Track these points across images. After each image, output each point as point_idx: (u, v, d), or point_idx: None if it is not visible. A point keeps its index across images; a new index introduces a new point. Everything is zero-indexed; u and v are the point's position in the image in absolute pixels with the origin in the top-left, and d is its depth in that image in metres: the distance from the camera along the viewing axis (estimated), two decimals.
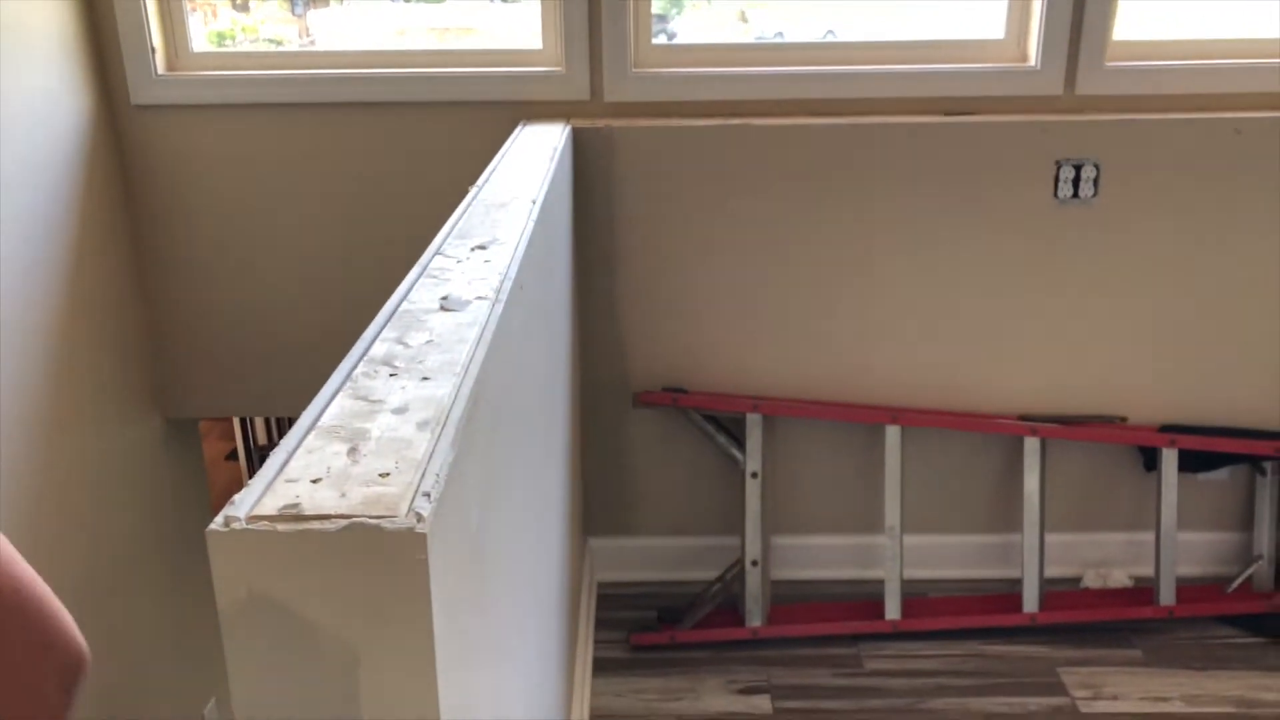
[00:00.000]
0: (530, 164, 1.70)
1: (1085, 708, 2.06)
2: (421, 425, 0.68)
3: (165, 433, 2.45)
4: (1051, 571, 2.45)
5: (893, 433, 2.25)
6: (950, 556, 2.47)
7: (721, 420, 2.34)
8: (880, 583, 2.28)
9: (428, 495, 0.59)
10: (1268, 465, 2.36)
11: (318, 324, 2.37)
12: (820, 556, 2.47)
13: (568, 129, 2.14)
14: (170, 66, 2.30)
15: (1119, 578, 2.44)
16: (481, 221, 1.27)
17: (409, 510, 0.57)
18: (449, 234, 1.21)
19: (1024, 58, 2.26)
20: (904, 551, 2.39)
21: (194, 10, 2.42)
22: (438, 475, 0.61)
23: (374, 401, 0.72)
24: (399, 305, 0.94)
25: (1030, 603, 2.26)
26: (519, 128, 2.14)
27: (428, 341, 0.84)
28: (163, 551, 2.38)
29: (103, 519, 2.16)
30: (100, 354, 2.21)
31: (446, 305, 0.93)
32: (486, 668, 0.81)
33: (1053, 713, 2.05)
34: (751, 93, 2.25)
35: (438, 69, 2.26)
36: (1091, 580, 2.44)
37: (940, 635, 2.27)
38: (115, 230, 2.28)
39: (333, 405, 0.71)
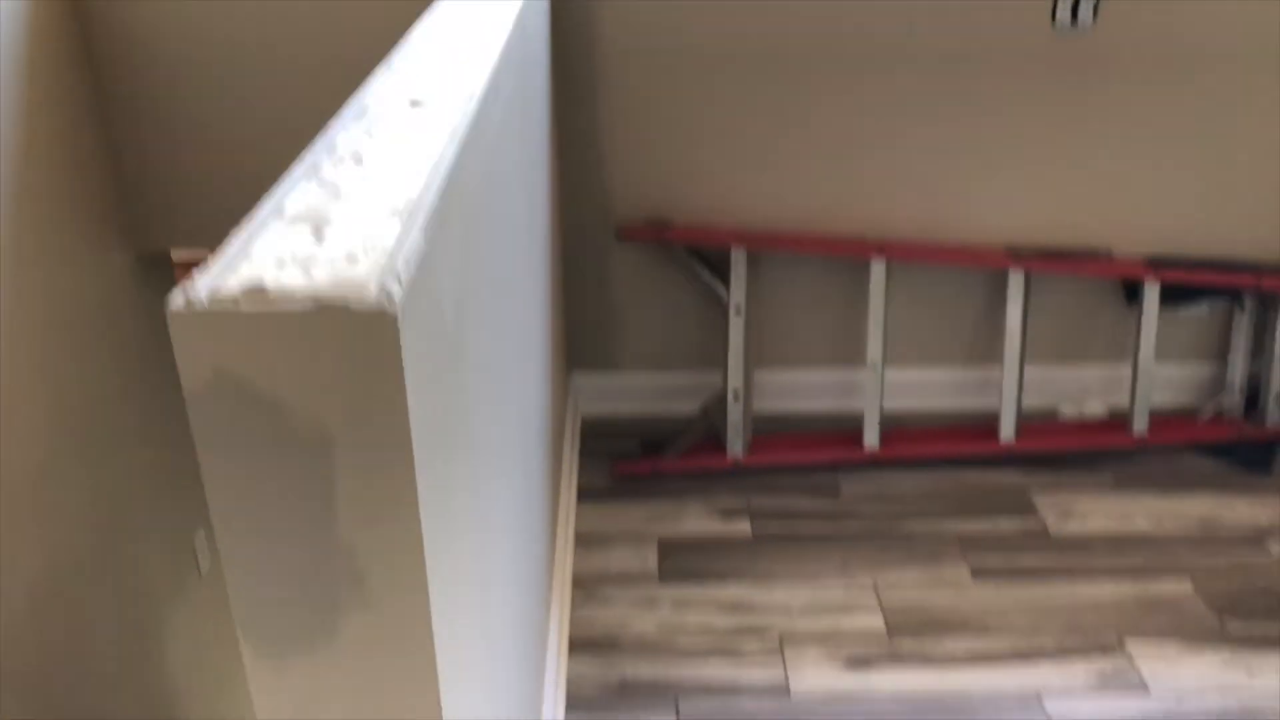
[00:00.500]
0: None
1: (1055, 528, 2.13)
2: (391, 213, 0.65)
3: (137, 269, 2.41)
4: (1029, 403, 2.49)
5: (878, 267, 2.24)
6: (931, 389, 2.50)
7: (705, 254, 2.32)
8: (861, 415, 2.31)
9: (398, 278, 0.57)
10: (1245, 298, 2.37)
11: (297, 152, 2.30)
12: (802, 389, 2.50)
13: None
14: None
15: (1095, 408, 2.48)
16: (455, 23, 1.21)
17: (378, 292, 0.55)
18: (419, 35, 1.15)
19: None
20: (885, 384, 2.42)
21: None
22: (407, 260, 0.59)
23: (340, 188, 0.69)
24: (365, 101, 0.90)
25: (1007, 432, 2.31)
26: None
27: (397, 135, 0.81)
28: (139, 395, 2.38)
29: (72, 361, 2.14)
30: (63, 184, 2.15)
31: (417, 101, 0.90)
32: (466, 463, 0.81)
33: (1024, 533, 2.11)
34: None
35: None
36: (1068, 411, 2.48)
37: (918, 463, 2.32)
38: (77, 55, 2.18)
39: (295, 191, 0.69)
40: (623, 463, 2.31)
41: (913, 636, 1.86)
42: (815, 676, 1.78)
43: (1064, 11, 2.13)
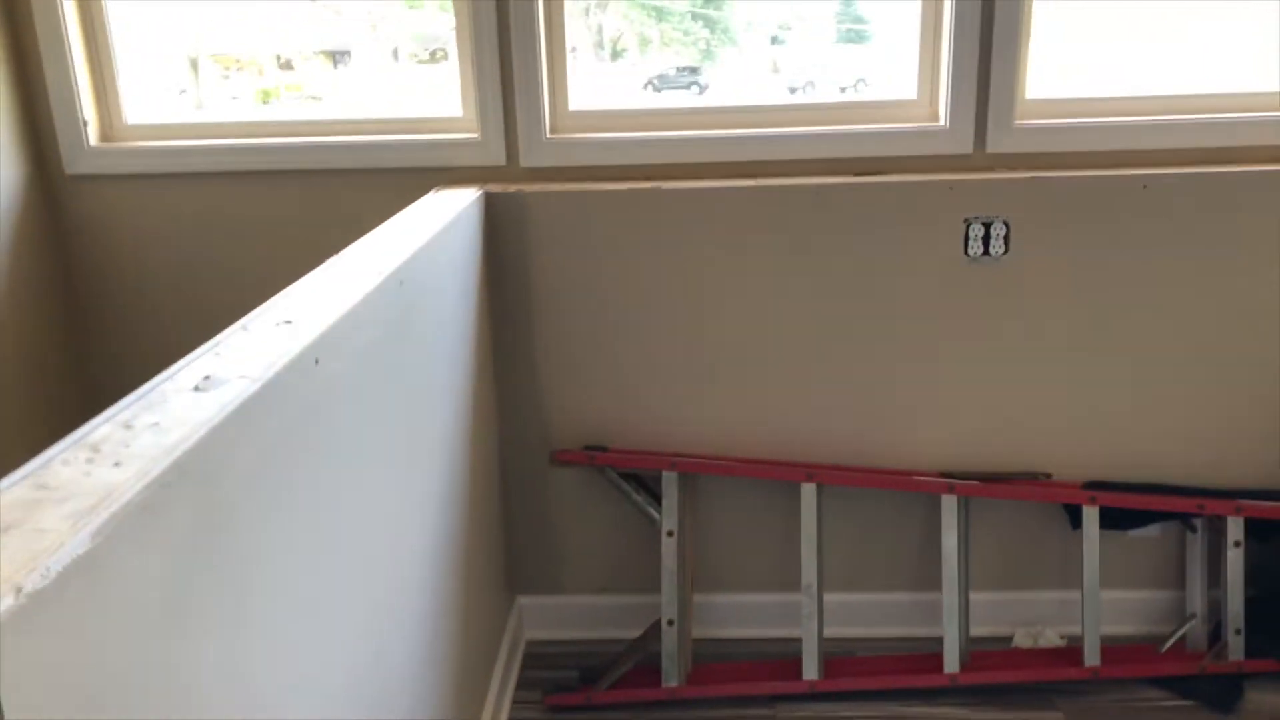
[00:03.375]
0: (411, 231, 1.73)
1: None
2: (71, 515, 0.70)
3: None
4: (982, 630, 2.42)
5: (808, 490, 2.25)
6: (876, 615, 2.45)
7: (642, 478, 2.35)
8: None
9: (19, 589, 0.61)
10: (1197, 522, 2.32)
11: None
12: (744, 615, 2.46)
13: (478, 194, 2.18)
14: (104, 137, 2.38)
15: (1050, 637, 2.39)
16: (311, 293, 1.31)
17: None
18: (266, 308, 1.24)
19: (935, 117, 2.28)
20: (828, 609, 2.38)
21: (241, 70, 2.53)
22: (47, 569, 0.63)
23: (49, 490, 0.74)
24: (155, 386, 0.96)
25: (951, 663, 2.23)
26: (431, 194, 2.19)
27: (153, 424, 0.87)
28: None
29: None
30: (34, 423, 2.27)
31: (201, 386, 0.96)
32: None
33: None
34: (668, 156, 2.29)
35: (355, 136, 2.32)
36: (1022, 639, 2.40)
37: (859, 695, 2.24)
38: (49, 297, 2.35)
39: (5, 495, 0.74)
40: (555, 694, 2.26)
41: None
42: None
43: (975, 246, 2.22)
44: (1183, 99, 2.26)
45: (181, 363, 1.03)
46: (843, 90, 2.48)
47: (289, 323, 1.18)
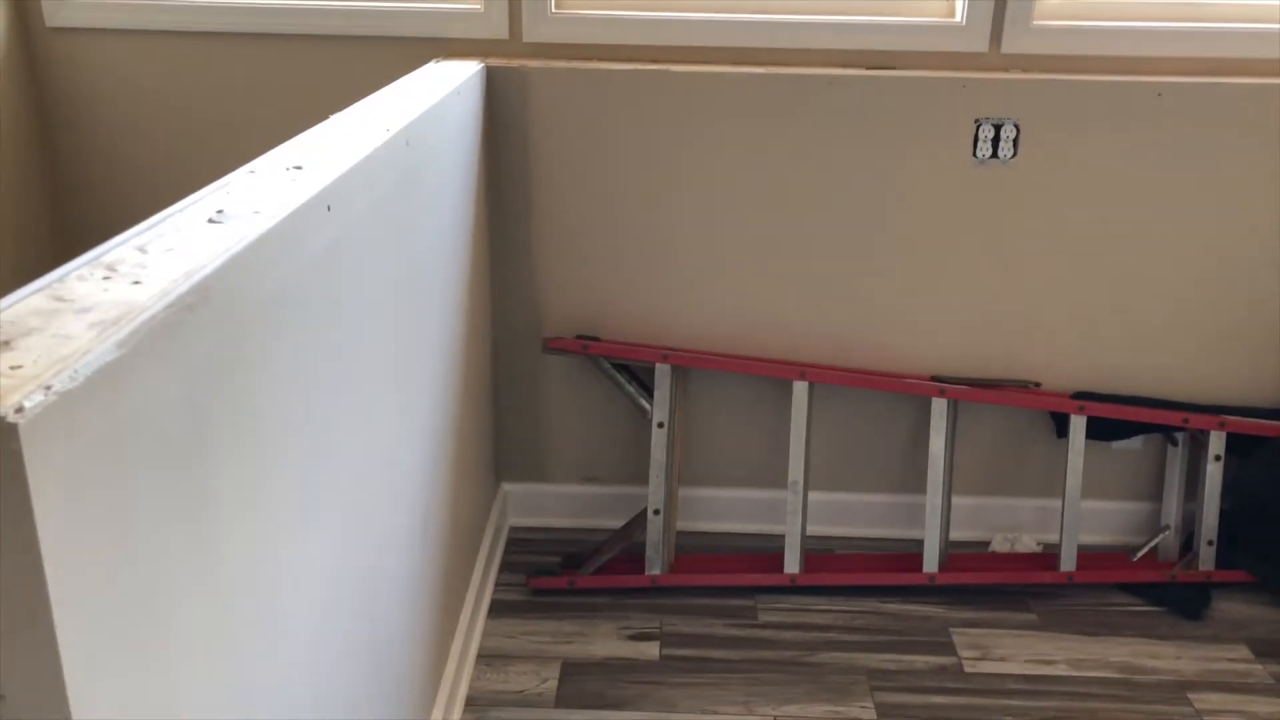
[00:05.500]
0: (415, 97, 1.67)
1: (970, 667, 2.07)
2: (94, 325, 0.67)
3: None
4: (961, 534, 2.46)
5: (800, 388, 2.24)
6: (858, 514, 2.48)
7: (634, 369, 2.33)
8: (784, 538, 2.28)
9: (48, 388, 0.58)
10: (1179, 435, 2.35)
11: None
12: (728, 509, 2.48)
13: (480, 67, 2.11)
14: None
15: (1027, 543, 2.44)
16: (319, 143, 1.26)
17: (19, 400, 0.56)
18: (274, 154, 1.19)
19: (951, 13, 2.22)
20: (811, 508, 2.40)
21: None
22: (75, 371, 0.60)
23: (66, 301, 0.71)
24: (166, 217, 0.92)
25: (930, 563, 2.27)
26: (431, 64, 2.11)
27: (169, 250, 0.83)
28: None
29: None
30: (8, 286, 2.20)
31: (215, 219, 0.92)
32: (189, 594, 0.80)
33: (937, 671, 2.05)
34: (675, 38, 2.22)
35: (356, 1, 2.23)
36: (999, 544, 2.44)
37: (838, 591, 2.28)
38: (28, 151, 2.26)
39: (20, 304, 0.70)
40: (538, 577, 2.28)
41: None
42: None
43: (984, 148, 2.18)
44: (1202, 6, 2.21)
45: (191, 198, 0.99)
46: None
47: (299, 168, 1.14)
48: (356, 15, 2.22)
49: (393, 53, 2.23)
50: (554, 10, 2.21)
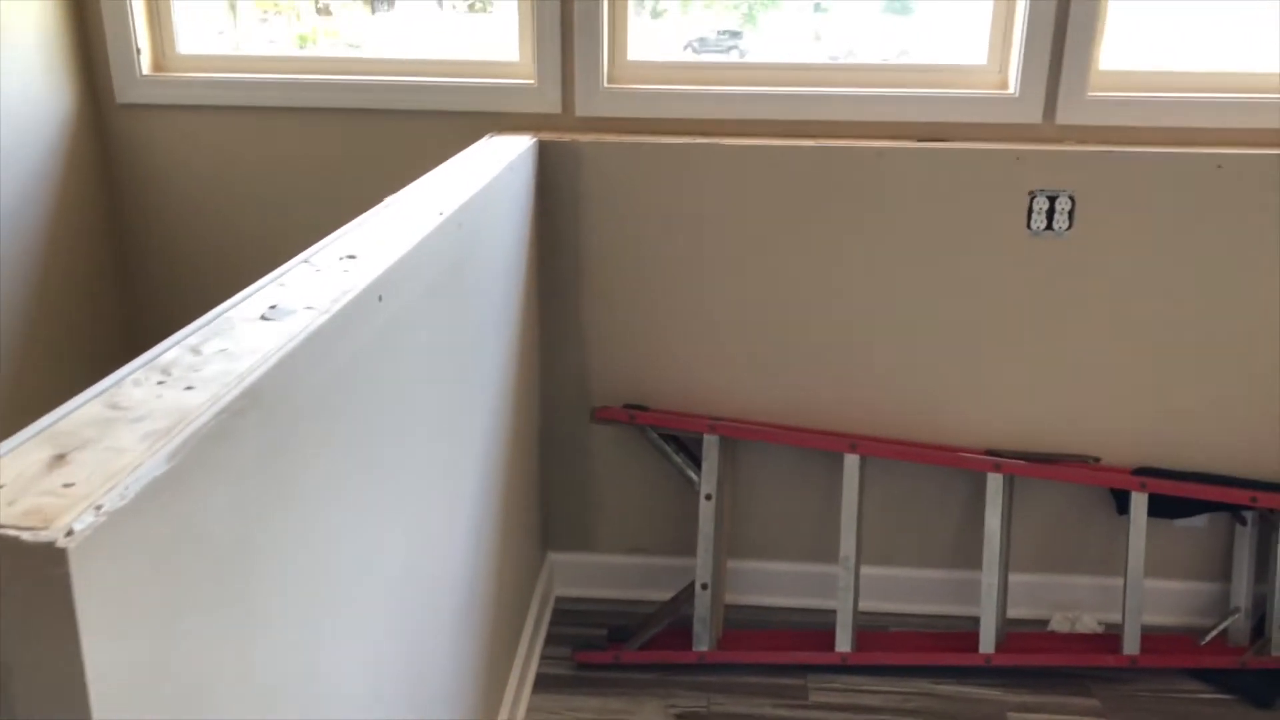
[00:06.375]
0: (468, 175, 1.70)
1: None
2: (148, 436, 0.67)
3: None
4: (1019, 613, 2.39)
5: (851, 461, 2.21)
6: (913, 590, 2.42)
7: (682, 440, 2.32)
8: (836, 614, 2.24)
9: (98, 508, 0.58)
10: (1248, 514, 2.27)
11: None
12: (778, 583, 2.43)
13: (532, 141, 2.14)
14: (157, 67, 2.36)
15: (1088, 623, 2.36)
16: (372, 231, 1.28)
17: (69, 523, 0.56)
18: (328, 242, 1.21)
19: (1004, 85, 2.21)
20: (864, 583, 2.35)
21: (278, 13, 2.49)
22: (126, 488, 0.61)
23: (122, 409, 0.72)
24: (221, 313, 0.94)
25: (986, 643, 2.20)
26: (484, 140, 2.15)
27: (221, 350, 0.84)
28: None
29: None
30: (76, 356, 2.26)
31: (268, 315, 0.93)
32: (233, 697, 0.80)
33: None
34: (725, 112, 2.24)
35: (414, 77, 2.28)
36: (1059, 624, 2.37)
37: (891, 670, 2.22)
38: (97, 226, 2.34)
39: (76, 413, 0.71)
40: (584, 651, 2.25)
41: None
42: None
43: (1039, 220, 2.16)
44: (1261, 76, 2.18)
45: (246, 292, 1.00)
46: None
47: (353, 257, 1.15)
48: (415, 90, 2.27)
49: (449, 127, 2.27)
50: (606, 85, 2.24)
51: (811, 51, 2.38)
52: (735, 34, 2.46)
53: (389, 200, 1.48)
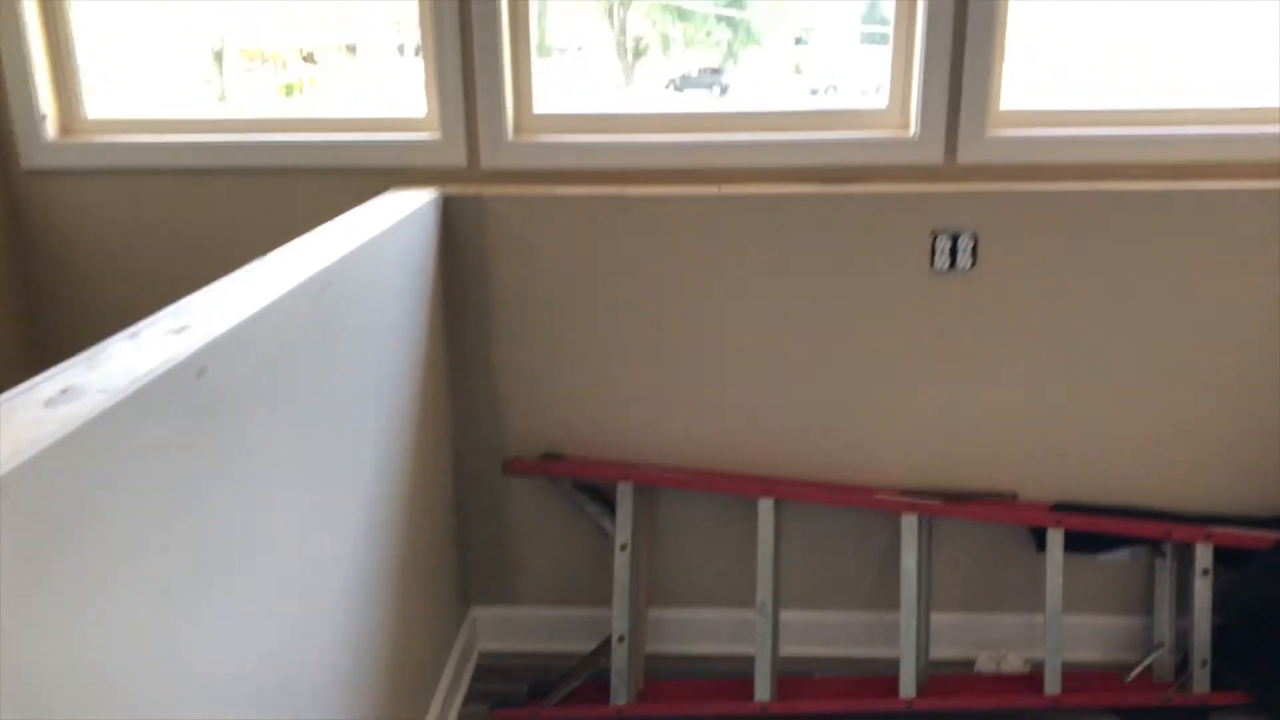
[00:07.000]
0: (349, 233, 1.69)
1: None
2: None
3: None
4: (946, 653, 2.37)
5: (765, 506, 2.19)
6: (836, 634, 2.39)
7: (600, 488, 2.30)
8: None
9: None
10: (1166, 547, 2.25)
11: None
12: (702, 631, 2.41)
13: (434, 195, 2.14)
14: (64, 130, 2.35)
15: (1013, 661, 2.34)
16: (217, 298, 1.26)
17: None
18: (162, 314, 1.20)
19: (905, 126, 2.23)
20: (786, 628, 2.33)
21: (265, 63, 2.49)
22: None
23: None
24: (11, 397, 0.92)
25: (907, 687, 2.17)
26: (384, 195, 2.14)
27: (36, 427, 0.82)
28: None
29: None
30: None
31: (58, 400, 0.92)
32: None
33: None
34: (633, 161, 2.24)
35: (313, 135, 2.28)
36: (985, 664, 2.34)
37: (813, 718, 2.19)
38: (6, 292, 2.32)
39: None
40: (502, 708, 2.21)
41: None
42: None
43: (942, 259, 2.16)
44: (1157, 113, 2.20)
45: (50, 371, 0.99)
46: (863, 94, 2.42)
47: (185, 329, 1.14)
48: (317, 149, 2.26)
49: (359, 183, 2.27)
50: (511, 138, 2.25)
51: (793, 85, 2.41)
52: (717, 71, 2.49)
53: (253, 265, 1.47)
